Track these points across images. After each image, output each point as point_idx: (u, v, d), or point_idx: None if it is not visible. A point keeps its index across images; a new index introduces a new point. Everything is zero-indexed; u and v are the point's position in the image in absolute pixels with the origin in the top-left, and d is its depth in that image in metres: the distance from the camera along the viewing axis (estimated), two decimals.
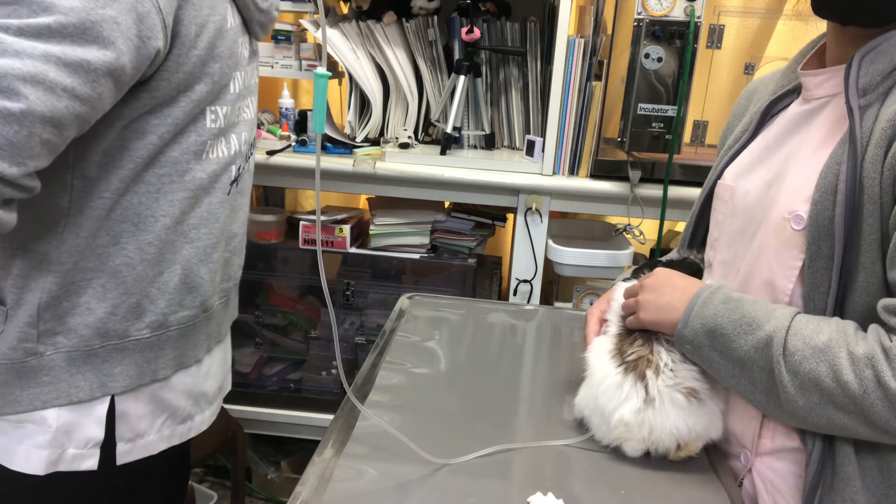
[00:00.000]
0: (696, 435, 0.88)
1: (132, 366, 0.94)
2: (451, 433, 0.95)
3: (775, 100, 0.97)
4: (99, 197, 0.87)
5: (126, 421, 0.96)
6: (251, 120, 1.07)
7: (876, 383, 0.73)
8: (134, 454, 0.98)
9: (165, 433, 1.02)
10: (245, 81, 1.03)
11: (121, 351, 0.93)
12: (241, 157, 1.05)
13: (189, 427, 1.07)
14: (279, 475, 2.32)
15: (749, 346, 0.81)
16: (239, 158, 1.03)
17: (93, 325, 0.91)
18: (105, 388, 0.92)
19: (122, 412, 0.95)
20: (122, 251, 0.90)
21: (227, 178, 1.01)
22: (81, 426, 0.92)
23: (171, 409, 1.02)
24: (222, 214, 1.01)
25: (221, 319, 1.12)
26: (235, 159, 1.02)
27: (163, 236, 0.93)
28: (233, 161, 1.02)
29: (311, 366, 2.27)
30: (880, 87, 0.80)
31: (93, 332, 0.91)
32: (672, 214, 1.89)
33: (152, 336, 0.96)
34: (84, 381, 0.91)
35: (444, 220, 2.08)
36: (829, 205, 0.79)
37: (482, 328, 1.34)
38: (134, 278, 0.92)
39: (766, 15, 1.81)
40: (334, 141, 1.98)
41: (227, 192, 1.01)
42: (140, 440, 0.98)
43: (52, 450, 0.91)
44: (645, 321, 0.90)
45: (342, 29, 1.98)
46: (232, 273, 1.12)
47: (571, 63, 1.82)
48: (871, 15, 0.80)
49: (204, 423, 1.10)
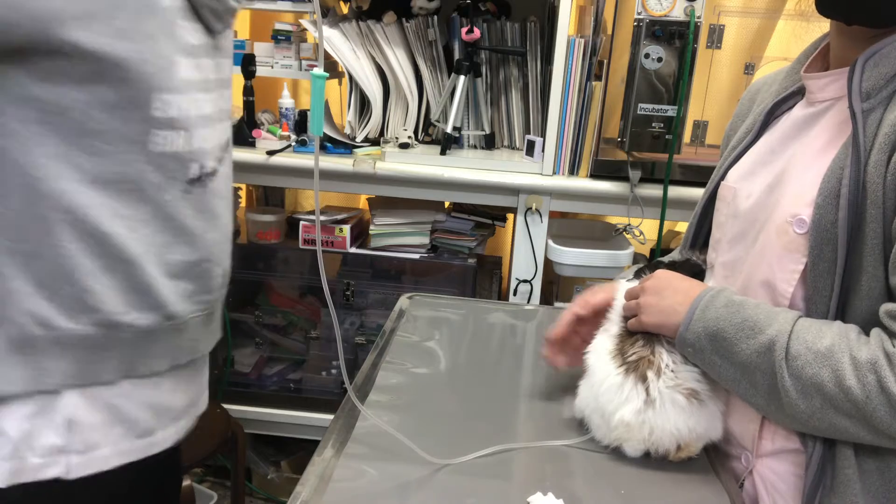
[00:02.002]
0: (696, 436, 0.88)
1: (71, 363, 0.89)
2: (451, 433, 0.95)
3: (779, 101, 0.97)
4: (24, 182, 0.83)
5: (78, 430, 0.91)
6: (216, 117, 1.00)
7: (879, 388, 0.73)
8: (89, 468, 0.92)
9: (122, 447, 0.95)
10: (204, 74, 0.96)
11: (57, 344, 0.88)
12: (205, 156, 0.98)
13: (149, 443, 0.99)
14: (279, 475, 2.32)
15: (751, 350, 0.80)
16: (201, 157, 0.97)
17: (26, 312, 0.86)
18: (36, 383, 0.87)
19: (74, 420, 0.90)
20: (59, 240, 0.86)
21: (183, 174, 0.95)
22: (40, 434, 0.89)
23: (128, 421, 0.95)
24: (180, 214, 0.95)
25: (196, 335, 1.04)
26: (196, 157, 0.96)
27: (103, 228, 0.87)
28: (192, 158, 0.95)
29: (311, 366, 2.27)
30: (884, 91, 0.79)
31: (27, 320, 0.87)
32: (672, 214, 1.89)
33: (97, 333, 0.90)
34: (14, 372, 0.86)
35: (444, 220, 2.08)
36: (832, 209, 0.79)
37: (482, 328, 1.34)
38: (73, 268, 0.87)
39: (766, 15, 1.81)
40: (334, 141, 1.98)
41: (185, 191, 0.95)
42: (93, 453, 0.92)
43: (14, 461, 0.88)
44: (646, 324, 0.90)
45: (342, 29, 1.98)
46: (212, 285, 1.04)
47: (571, 63, 1.82)
48: (876, 14, 0.80)
49: (167, 441, 1.02)
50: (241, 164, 1.91)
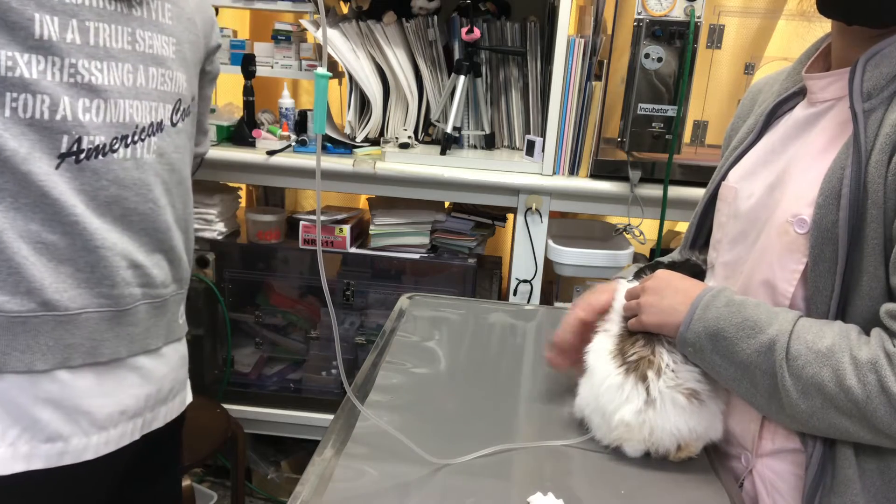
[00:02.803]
0: (696, 436, 0.88)
1: None
2: (451, 433, 0.95)
3: (780, 102, 0.97)
4: None
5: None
6: (109, 90, 0.92)
7: (879, 388, 0.73)
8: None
9: (22, 450, 0.87)
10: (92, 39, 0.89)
11: None
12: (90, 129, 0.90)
13: (61, 450, 0.90)
14: (279, 475, 2.32)
15: (752, 349, 0.80)
16: (79, 129, 0.89)
17: None
18: None
19: None
20: None
21: (54, 147, 0.88)
22: None
23: (27, 419, 0.88)
24: (53, 191, 0.87)
25: (100, 336, 0.94)
26: (71, 129, 0.88)
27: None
28: (64, 129, 0.88)
29: (311, 366, 2.27)
30: (885, 92, 0.79)
31: None
32: (672, 214, 1.89)
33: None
34: None
35: (444, 220, 2.08)
36: (833, 209, 0.79)
37: (482, 328, 1.34)
38: None
39: (766, 15, 1.81)
40: (334, 141, 1.98)
41: (54, 166, 0.88)
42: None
43: None
44: (647, 324, 0.90)
45: (342, 29, 1.98)
46: (117, 279, 0.95)
47: (571, 63, 1.82)
48: (876, 15, 0.80)
49: (88, 451, 0.93)
50: (241, 164, 1.92)
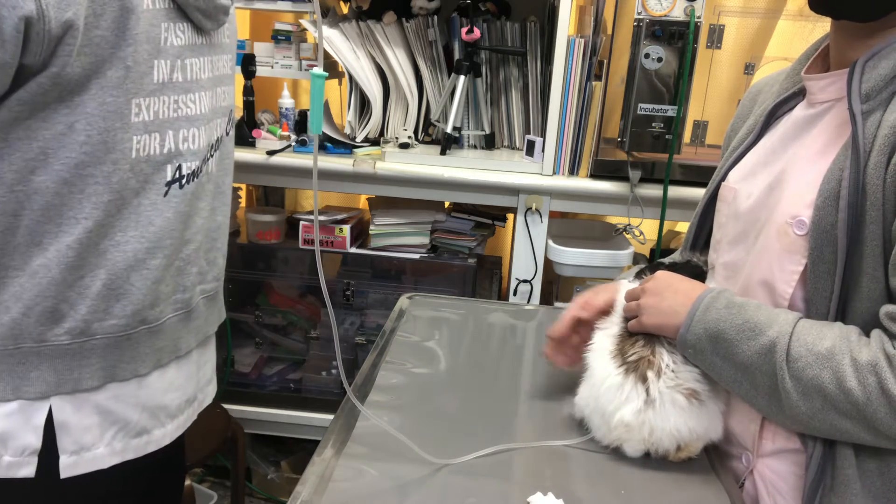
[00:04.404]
0: (696, 436, 0.88)
1: (50, 372, 0.90)
2: (451, 433, 0.95)
3: (780, 102, 0.97)
4: (10, 191, 0.84)
5: (67, 433, 0.93)
6: (201, 118, 1.00)
7: (879, 390, 0.73)
8: (80, 467, 0.94)
9: (117, 447, 0.97)
10: (190, 74, 0.96)
11: (37, 355, 0.90)
12: (187, 156, 0.98)
13: (146, 441, 1.01)
14: (279, 475, 2.32)
15: (752, 351, 0.80)
16: (179, 158, 0.97)
17: (6, 324, 0.88)
18: (18, 392, 0.89)
19: (62, 423, 0.92)
20: (44, 252, 0.87)
21: (161, 178, 0.95)
22: (17, 435, 0.90)
23: (121, 421, 0.97)
24: (158, 218, 0.95)
25: (179, 334, 1.05)
26: (172, 158, 0.96)
27: (84, 239, 0.88)
28: (168, 160, 0.95)
29: (311, 366, 2.27)
30: (883, 93, 0.79)
31: (6, 332, 0.88)
32: (672, 214, 1.89)
33: (73, 343, 0.91)
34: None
35: (444, 220, 2.08)
36: (832, 210, 0.79)
37: (482, 328, 1.34)
38: (49, 281, 0.88)
39: (766, 15, 1.81)
40: (334, 141, 1.98)
41: (162, 194, 0.95)
42: (86, 453, 0.95)
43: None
44: (647, 325, 0.90)
45: (342, 29, 1.98)
46: (188, 283, 1.04)
47: (571, 63, 1.82)
48: (860, 8, 0.80)
49: (165, 438, 1.05)
50: (242, 164, 1.91)
